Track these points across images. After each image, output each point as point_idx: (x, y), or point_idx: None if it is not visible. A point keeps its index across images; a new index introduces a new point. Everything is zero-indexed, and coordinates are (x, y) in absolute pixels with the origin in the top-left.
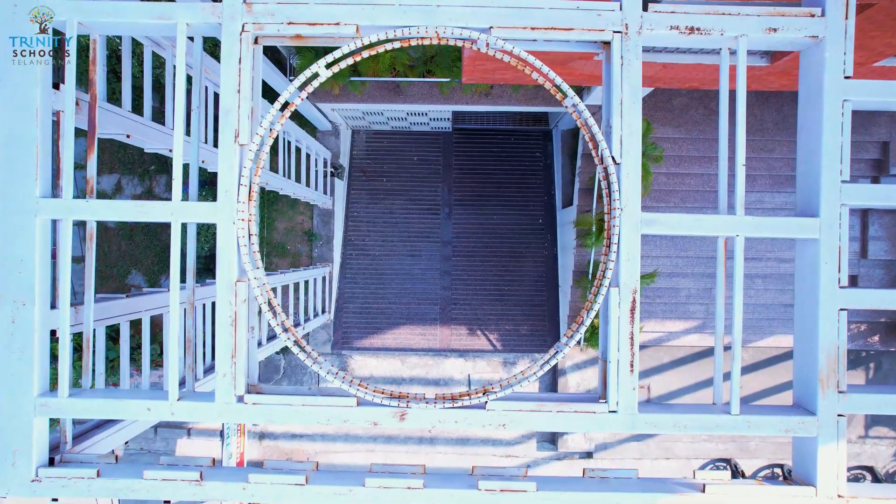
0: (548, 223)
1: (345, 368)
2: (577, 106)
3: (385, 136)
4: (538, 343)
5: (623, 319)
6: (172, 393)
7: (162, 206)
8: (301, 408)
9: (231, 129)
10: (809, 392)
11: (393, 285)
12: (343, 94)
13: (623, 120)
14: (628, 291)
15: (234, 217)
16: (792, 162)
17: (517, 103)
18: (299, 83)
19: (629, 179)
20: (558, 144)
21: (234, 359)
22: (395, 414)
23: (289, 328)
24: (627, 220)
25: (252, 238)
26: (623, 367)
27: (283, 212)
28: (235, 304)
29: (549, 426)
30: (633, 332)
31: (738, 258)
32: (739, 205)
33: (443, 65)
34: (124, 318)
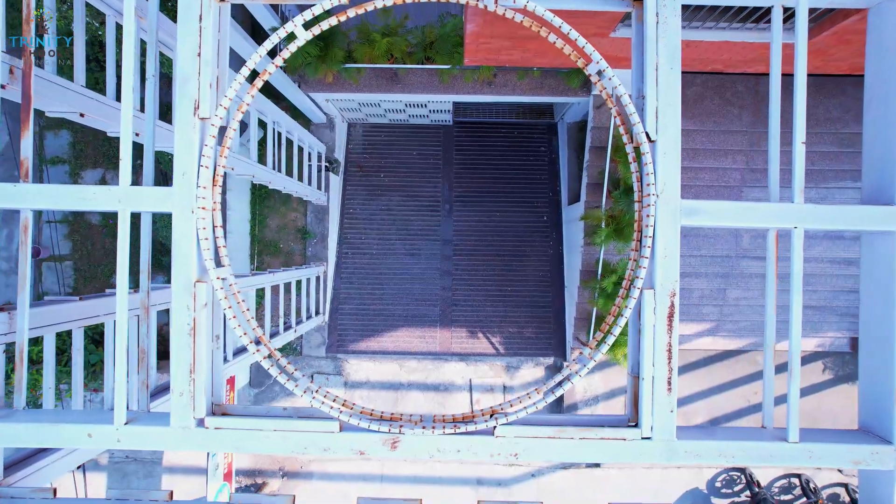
0: (553, 220)
1: (340, 373)
2: (604, 72)
3: (383, 129)
4: (543, 346)
5: (659, 328)
6: (119, 416)
7: (107, 192)
8: (273, 434)
9: (189, 99)
10: (883, 415)
11: (391, 285)
12: (337, 83)
13: (659, 88)
14: (665, 294)
15: (194, 205)
16: (814, 155)
17: (522, 93)
18: (271, 44)
19: (667, 159)
20: (564, 138)
21: (192, 375)
22: (386, 441)
23: (261, 339)
24: (665, 209)
25: (217, 230)
26: (659, 386)
27: (276, 208)
28: (194, 308)
29: (570, 456)
30: (672, 343)
31: (797, 255)
32: (798, 191)
33: (443, 51)
34: (78, 324)
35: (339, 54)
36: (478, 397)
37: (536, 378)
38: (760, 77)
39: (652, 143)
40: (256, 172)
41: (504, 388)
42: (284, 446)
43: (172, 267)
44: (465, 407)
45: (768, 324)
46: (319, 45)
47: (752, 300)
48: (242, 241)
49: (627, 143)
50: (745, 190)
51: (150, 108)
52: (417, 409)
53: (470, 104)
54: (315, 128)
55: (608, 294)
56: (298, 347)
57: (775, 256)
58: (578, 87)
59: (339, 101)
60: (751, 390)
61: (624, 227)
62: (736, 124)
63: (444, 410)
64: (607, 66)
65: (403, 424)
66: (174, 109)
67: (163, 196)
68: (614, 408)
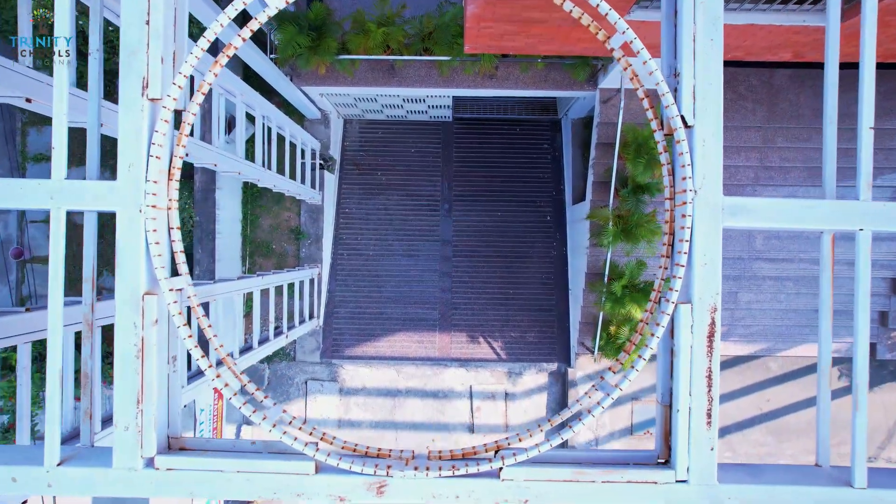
0: (557, 221)
1: (335, 379)
2: (633, 43)
3: (380, 125)
4: (546, 352)
5: (697, 350)
6: (50, 454)
7: (37, 186)
8: (236, 476)
9: (136, 76)
10: None
11: (388, 288)
12: (330, 75)
13: (697, 64)
14: (705, 310)
15: (142, 202)
16: None
17: (525, 86)
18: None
19: (707, 148)
20: (568, 135)
21: (140, 406)
22: (371, 486)
23: (224, 360)
24: (704, 208)
25: (174, 233)
26: (697, 420)
27: (268, 208)
28: (142, 326)
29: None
30: (712, 368)
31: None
32: (865, 187)
33: (442, 41)
34: (24, 339)
35: (332, 45)
36: (478, 404)
37: (539, 385)
38: (775, 70)
39: (688, 129)
40: (243, 169)
41: (506, 394)
42: (249, 491)
43: (116, 278)
44: (464, 414)
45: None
46: (311, 35)
47: (764, 304)
48: (233, 241)
49: (657, 129)
50: (758, 189)
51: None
52: (415, 417)
53: (470, 99)
54: (309, 124)
55: (616, 298)
56: (292, 353)
57: (831, 266)
58: (585, 81)
59: (333, 96)
60: (762, 398)
61: (632, 228)
62: (749, 120)
63: (443, 418)
64: (636, 37)
65: (392, 464)
66: (121, 89)
67: (104, 192)
68: (620, 415)
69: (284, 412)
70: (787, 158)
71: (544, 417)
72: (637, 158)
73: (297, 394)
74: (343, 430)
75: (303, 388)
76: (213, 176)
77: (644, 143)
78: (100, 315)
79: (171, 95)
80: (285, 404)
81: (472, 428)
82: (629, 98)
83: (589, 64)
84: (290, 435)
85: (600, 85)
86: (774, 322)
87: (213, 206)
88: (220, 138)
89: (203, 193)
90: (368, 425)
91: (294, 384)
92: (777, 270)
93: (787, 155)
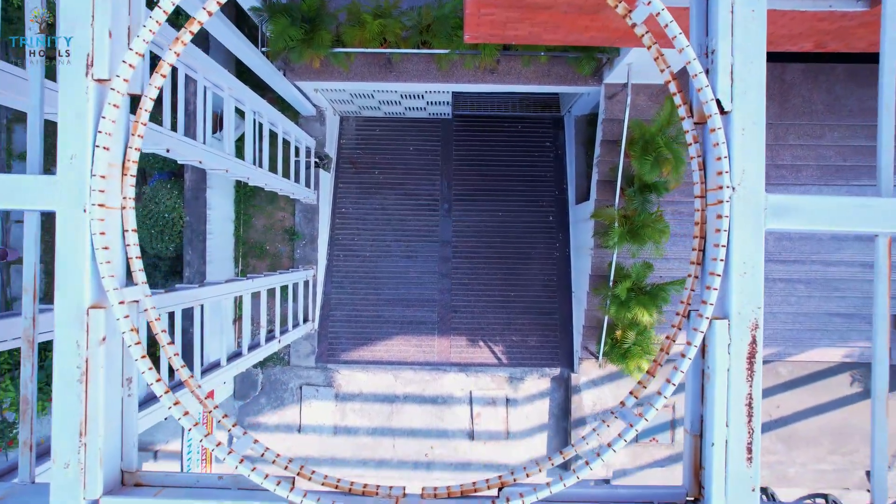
0: (559, 221)
1: (331, 384)
2: (661, 14)
3: (377, 123)
4: (549, 356)
5: (735, 373)
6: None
7: None
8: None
9: (80, 52)
10: None
11: (386, 290)
12: (325, 69)
13: (735, 39)
14: (745, 326)
15: (87, 201)
16: (844, 150)
17: (528, 81)
18: None
19: (747, 138)
20: (571, 132)
21: (83, 439)
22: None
23: (185, 382)
24: (744, 207)
25: (129, 236)
26: (735, 454)
27: (262, 207)
28: (86, 345)
29: None
30: (753, 394)
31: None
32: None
33: (441, 34)
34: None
35: (326, 38)
36: (478, 410)
37: (541, 390)
38: (787, 65)
39: (725, 116)
40: (231, 167)
41: (507, 400)
42: None
43: (56, 288)
44: (464, 421)
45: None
46: (304, 27)
47: (773, 307)
48: (225, 242)
49: (686, 117)
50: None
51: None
52: (413, 424)
53: (470, 96)
54: (304, 121)
55: (621, 301)
56: (286, 357)
57: (888, 274)
58: (589, 76)
59: (328, 92)
60: (772, 404)
61: (639, 228)
62: None
63: (442, 425)
64: (663, 8)
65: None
66: (58, 69)
67: (41, 187)
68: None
69: (256, 442)
70: (799, 157)
71: (546, 424)
72: (644, 156)
73: (291, 399)
74: (339, 436)
75: (297, 394)
76: (204, 175)
77: (651, 139)
78: (48, 329)
79: (122, 76)
80: (279, 410)
81: (472, 434)
82: (636, 93)
83: (594, 58)
84: (259, 472)
85: (605, 80)
86: (785, 326)
87: (203, 205)
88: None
89: (193, 192)
90: (365, 432)
91: (288, 389)
92: (788, 273)
93: (799, 153)
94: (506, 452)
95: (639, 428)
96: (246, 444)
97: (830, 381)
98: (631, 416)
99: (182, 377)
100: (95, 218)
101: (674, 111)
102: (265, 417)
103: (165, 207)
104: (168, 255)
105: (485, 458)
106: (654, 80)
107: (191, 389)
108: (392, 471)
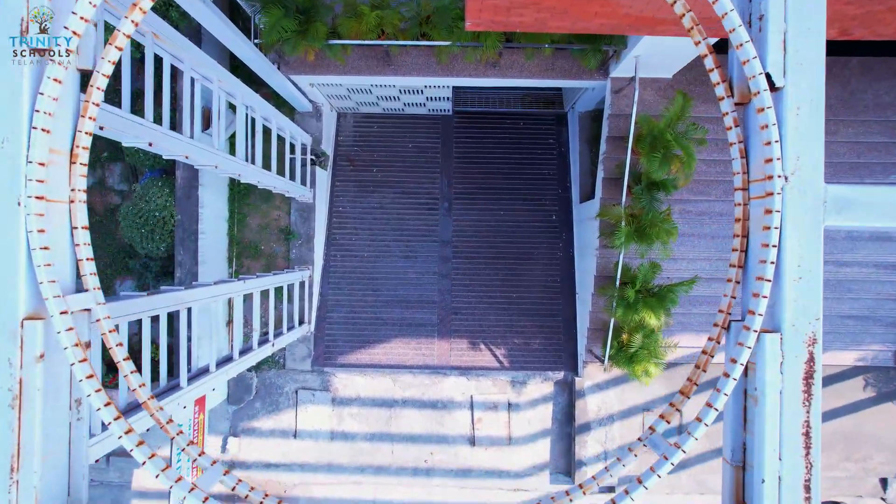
0: (563, 220)
1: (327, 388)
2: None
3: (375, 119)
4: (552, 360)
5: (790, 396)
6: None
7: None
8: None
9: (11, 17)
10: None
11: (384, 291)
12: (320, 63)
13: (790, 4)
14: (800, 341)
15: (22, 193)
16: (858, 147)
17: (531, 75)
18: None
19: (803, 118)
20: (575, 129)
21: (14, 476)
22: None
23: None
24: (800, 200)
25: (78, 234)
26: (791, 493)
27: (256, 206)
28: (20, 363)
29: None
30: (811, 422)
31: None
32: None
33: (441, 25)
34: None
35: (321, 29)
36: (480, 415)
37: (544, 395)
38: None
39: (776, 93)
40: (220, 163)
41: (509, 405)
42: None
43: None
44: (465, 426)
45: None
46: (299, 18)
47: None
48: (219, 242)
49: (725, 96)
50: None
51: None
52: (413, 429)
53: (471, 91)
54: (300, 117)
55: (628, 303)
56: (281, 360)
57: None
58: (595, 69)
59: (324, 87)
60: None
61: (646, 228)
62: None
63: (442, 430)
64: None
65: None
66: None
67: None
68: (632, 427)
69: (227, 473)
70: None
71: (549, 429)
72: (653, 153)
73: (287, 404)
74: (336, 442)
75: (293, 398)
76: (196, 172)
77: (660, 135)
78: None
79: (67, 48)
80: (274, 415)
81: (473, 440)
82: (643, 87)
83: (600, 50)
84: None
85: (611, 73)
86: None
87: (195, 204)
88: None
89: (185, 190)
90: (363, 438)
91: (284, 394)
92: None
93: None
94: (508, 458)
95: (675, 460)
96: (214, 476)
97: (842, 385)
98: (664, 446)
99: (140, 398)
100: (32, 213)
101: (685, 106)
102: (260, 422)
103: (156, 206)
104: (159, 256)
105: (486, 464)
106: (662, 73)
107: (150, 412)
108: (391, 477)
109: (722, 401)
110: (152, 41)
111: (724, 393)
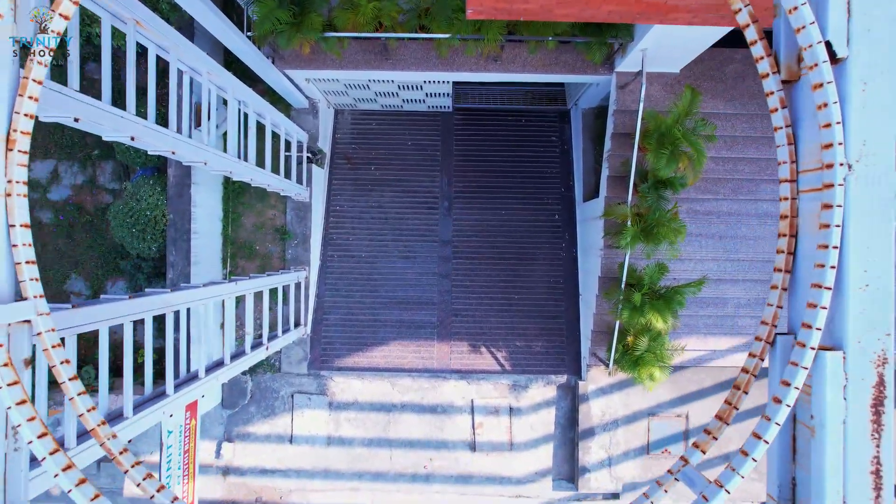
0: (565, 220)
1: (324, 392)
2: None
3: (374, 116)
4: (554, 363)
5: (855, 426)
6: None
7: None
8: None
9: None
10: None
11: (382, 292)
12: (316, 56)
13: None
14: (868, 361)
15: None
16: None
17: (534, 70)
18: None
19: (871, 95)
20: (578, 126)
21: None
22: None
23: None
24: (867, 192)
25: (15, 233)
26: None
27: (251, 205)
28: None
29: None
30: (881, 456)
31: None
32: None
33: (441, 17)
34: None
35: (316, 21)
36: (480, 420)
37: (547, 399)
38: None
39: (838, 65)
40: (210, 159)
41: (510, 409)
42: None
43: None
44: (465, 431)
45: None
46: (293, 9)
47: None
48: (212, 242)
49: (770, 73)
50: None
51: None
52: (412, 434)
53: (472, 87)
54: (296, 114)
55: (634, 306)
56: (277, 363)
57: None
58: (600, 64)
59: (321, 82)
60: None
61: (653, 227)
62: None
63: (441, 435)
64: None
65: None
66: None
67: None
68: (637, 432)
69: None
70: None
71: (552, 435)
72: (660, 150)
73: (282, 408)
74: (333, 447)
75: (289, 402)
76: (189, 170)
77: (668, 132)
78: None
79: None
80: (270, 420)
81: (474, 445)
82: (650, 82)
83: (605, 43)
84: None
85: (617, 68)
86: None
87: (188, 203)
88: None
89: (177, 189)
90: (360, 443)
91: (279, 398)
92: None
93: None
94: (509, 464)
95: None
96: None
97: None
98: (703, 483)
99: (87, 425)
100: None
101: (694, 101)
102: (255, 427)
103: (147, 205)
104: (151, 256)
105: (487, 470)
106: (669, 68)
107: (100, 441)
108: (389, 483)
109: (773, 432)
110: (134, 28)
111: (776, 422)
